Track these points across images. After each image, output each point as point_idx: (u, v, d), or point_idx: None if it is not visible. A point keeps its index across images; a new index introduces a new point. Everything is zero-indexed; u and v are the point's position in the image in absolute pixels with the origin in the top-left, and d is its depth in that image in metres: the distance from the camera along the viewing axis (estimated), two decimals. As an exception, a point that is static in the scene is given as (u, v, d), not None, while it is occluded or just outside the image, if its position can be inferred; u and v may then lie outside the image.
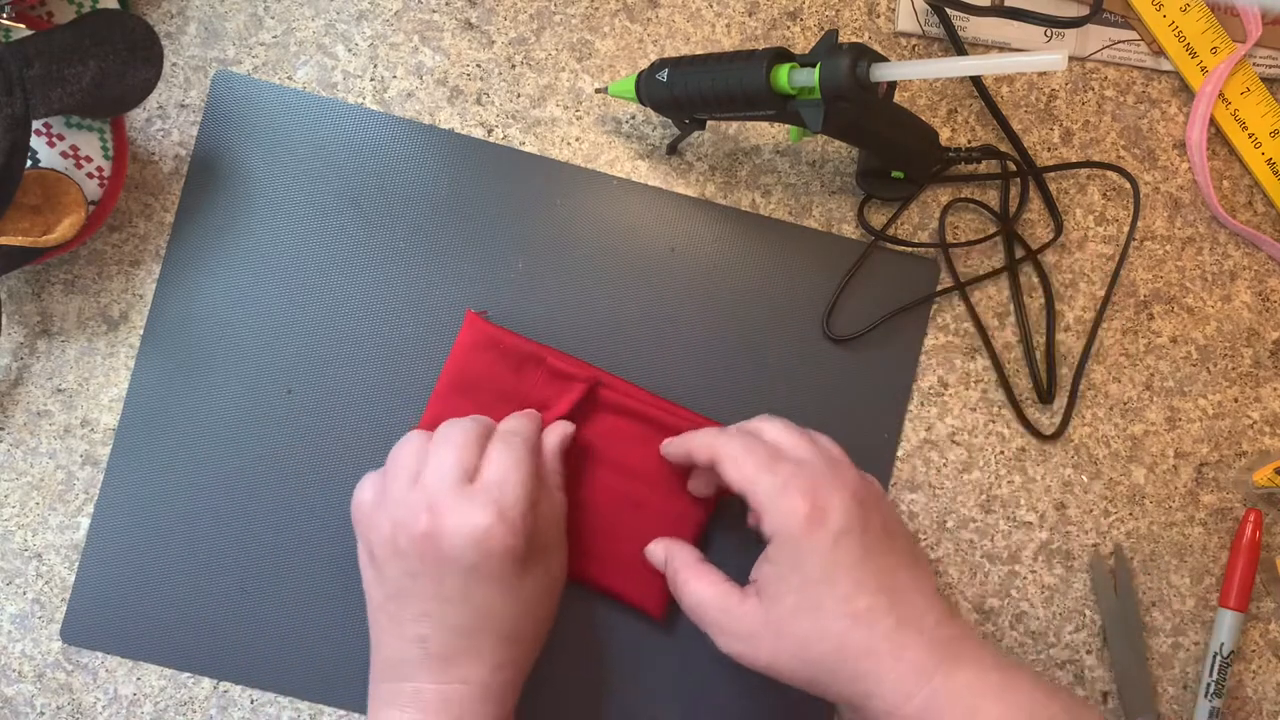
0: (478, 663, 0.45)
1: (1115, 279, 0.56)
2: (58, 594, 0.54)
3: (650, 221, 0.55)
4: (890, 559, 0.44)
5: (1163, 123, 0.57)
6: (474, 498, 0.44)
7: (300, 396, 0.54)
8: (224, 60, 0.55)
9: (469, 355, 0.52)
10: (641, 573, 0.52)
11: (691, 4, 0.56)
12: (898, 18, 0.56)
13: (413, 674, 0.45)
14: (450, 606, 0.45)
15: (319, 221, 0.55)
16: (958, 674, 0.42)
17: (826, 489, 0.43)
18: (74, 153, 0.50)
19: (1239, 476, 0.56)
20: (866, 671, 0.42)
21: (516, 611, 0.46)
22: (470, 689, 0.45)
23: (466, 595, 0.44)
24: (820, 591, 0.42)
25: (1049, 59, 0.36)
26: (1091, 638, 0.55)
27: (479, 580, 0.44)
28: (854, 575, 0.43)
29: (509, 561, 0.44)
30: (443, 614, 0.45)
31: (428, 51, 0.56)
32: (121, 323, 0.54)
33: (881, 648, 0.42)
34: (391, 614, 0.46)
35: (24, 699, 0.53)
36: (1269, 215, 0.57)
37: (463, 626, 0.45)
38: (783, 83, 0.44)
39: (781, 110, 0.45)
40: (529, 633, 0.47)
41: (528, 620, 0.47)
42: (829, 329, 0.55)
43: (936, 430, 0.56)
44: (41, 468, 0.54)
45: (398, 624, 0.46)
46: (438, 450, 0.46)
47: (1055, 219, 0.56)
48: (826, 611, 0.42)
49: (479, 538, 0.44)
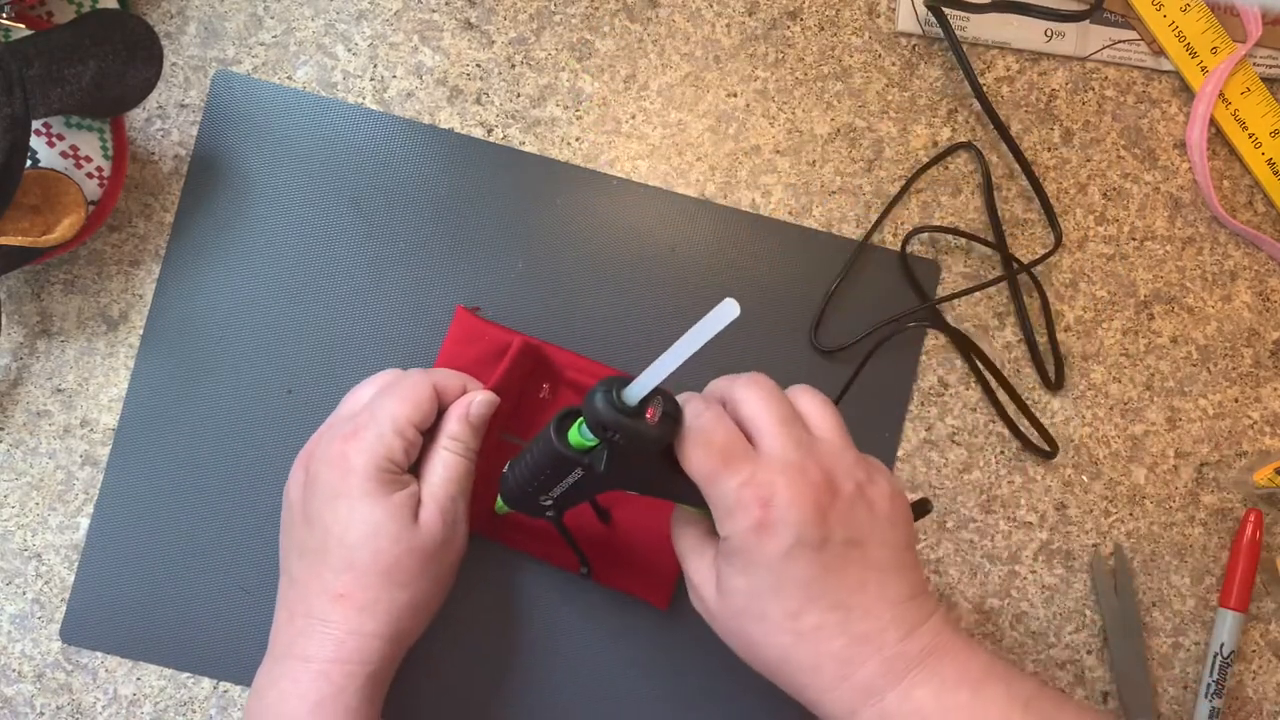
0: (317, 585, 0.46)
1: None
2: (57, 594, 0.54)
3: (650, 221, 0.55)
4: (854, 571, 0.40)
5: (1163, 123, 0.57)
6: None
7: (300, 396, 0.54)
8: (224, 60, 0.55)
9: (458, 349, 0.53)
10: (644, 564, 0.52)
11: (691, 4, 0.56)
12: (898, 18, 0.56)
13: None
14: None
15: (319, 221, 0.55)
16: (915, 692, 0.40)
17: (786, 497, 0.39)
18: (74, 153, 0.50)
19: (1239, 476, 0.56)
20: (807, 685, 0.41)
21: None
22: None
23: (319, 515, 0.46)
24: (766, 603, 0.40)
25: (724, 309, 0.36)
26: (1091, 638, 0.55)
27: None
28: (805, 591, 0.40)
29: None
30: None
31: (428, 51, 0.56)
32: (121, 323, 0.54)
33: (827, 667, 0.40)
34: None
35: (24, 699, 0.53)
36: (1269, 215, 0.57)
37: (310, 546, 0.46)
38: (577, 439, 0.41)
39: (597, 468, 0.42)
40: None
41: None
42: (816, 340, 0.55)
43: (936, 430, 0.56)
44: (41, 468, 0.54)
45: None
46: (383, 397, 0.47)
47: (1055, 229, 0.56)
48: (772, 624, 0.40)
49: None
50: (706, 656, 0.54)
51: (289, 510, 0.49)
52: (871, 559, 0.41)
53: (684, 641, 0.54)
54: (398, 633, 0.46)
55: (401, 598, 0.45)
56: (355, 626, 0.45)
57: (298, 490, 0.48)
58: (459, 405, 0.48)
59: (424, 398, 0.47)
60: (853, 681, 0.40)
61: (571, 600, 0.54)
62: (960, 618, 0.55)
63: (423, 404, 0.47)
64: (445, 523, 0.47)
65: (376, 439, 0.46)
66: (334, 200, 0.55)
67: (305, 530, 0.47)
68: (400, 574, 0.45)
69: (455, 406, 0.48)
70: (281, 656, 0.46)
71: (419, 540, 0.46)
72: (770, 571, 0.40)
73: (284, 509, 0.49)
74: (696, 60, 0.56)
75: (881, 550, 0.41)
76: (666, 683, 0.54)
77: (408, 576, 0.46)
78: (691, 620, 0.54)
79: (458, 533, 0.48)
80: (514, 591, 0.54)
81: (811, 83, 0.57)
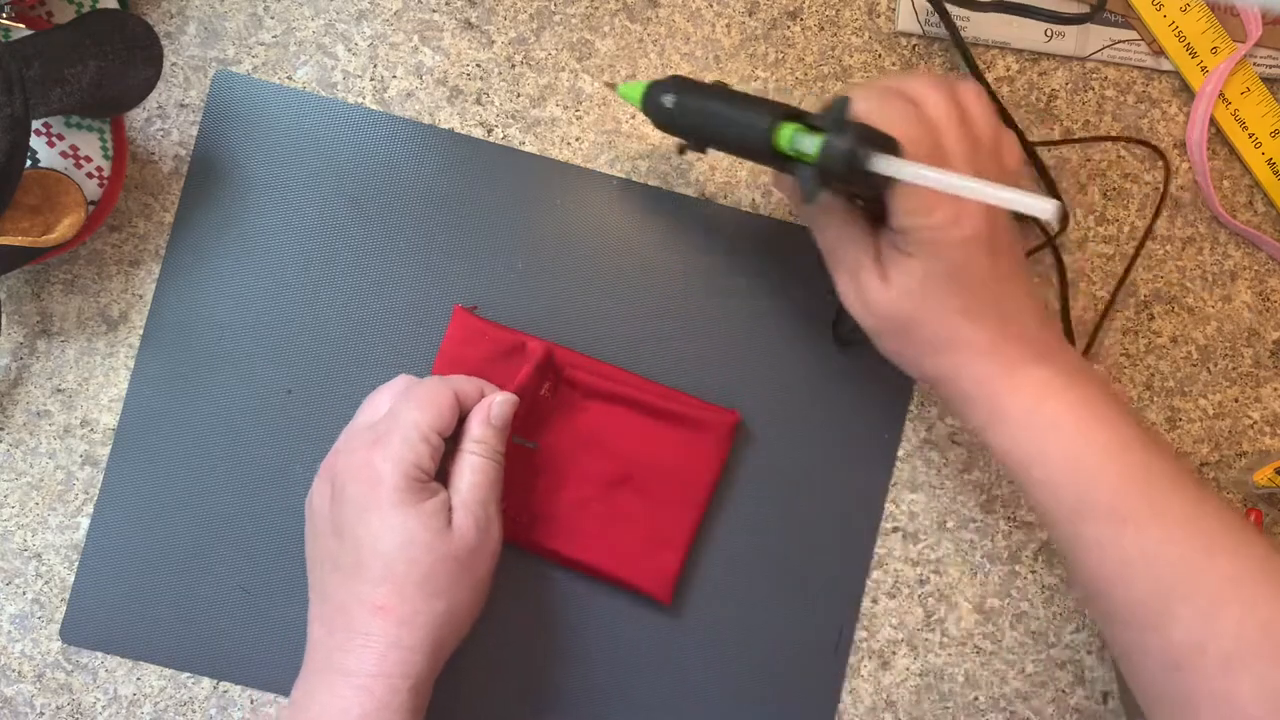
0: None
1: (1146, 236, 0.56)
2: (57, 594, 0.54)
3: (650, 221, 0.55)
4: (1006, 266, 0.45)
5: (1163, 123, 0.57)
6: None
7: (300, 396, 0.54)
8: (224, 60, 0.55)
9: (458, 349, 0.53)
10: (648, 555, 0.52)
11: (691, 4, 0.56)
12: (898, 17, 0.56)
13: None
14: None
15: (319, 221, 0.55)
16: (1040, 368, 0.44)
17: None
18: (74, 153, 0.50)
19: (1239, 476, 0.56)
20: (958, 360, 0.45)
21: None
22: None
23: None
24: (940, 287, 0.44)
25: (1042, 205, 0.37)
26: (1091, 638, 0.55)
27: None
28: (974, 278, 0.44)
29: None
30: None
31: (428, 51, 0.56)
32: (121, 323, 0.54)
33: (979, 341, 0.45)
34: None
35: (24, 699, 0.53)
36: (1269, 215, 0.57)
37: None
38: (784, 144, 0.43)
39: (781, 166, 0.44)
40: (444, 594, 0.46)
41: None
42: (838, 334, 0.55)
43: (936, 430, 0.56)
44: (41, 468, 0.54)
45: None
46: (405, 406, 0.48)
47: (1052, 197, 0.56)
48: (940, 306, 0.44)
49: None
50: (707, 655, 0.54)
51: (315, 523, 0.48)
52: (1016, 256, 0.46)
53: (685, 640, 0.54)
54: (438, 643, 0.46)
55: (439, 607, 0.45)
56: (396, 639, 0.45)
57: (324, 503, 0.48)
58: (480, 409, 0.48)
59: (445, 404, 0.47)
60: (998, 355, 0.45)
61: (573, 600, 0.54)
62: (961, 618, 0.55)
63: (444, 410, 0.47)
64: (478, 528, 0.47)
65: (403, 446, 0.45)
66: (334, 200, 0.55)
67: (336, 544, 0.47)
68: (437, 583, 0.45)
69: (477, 410, 0.48)
70: (320, 670, 0.46)
71: (453, 548, 0.46)
72: (949, 259, 0.44)
73: (309, 522, 0.49)
74: (697, 60, 0.56)
75: (1019, 250, 0.47)
76: (667, 681, 0.54)
77: (444, 585, 0.46)
78: (692, 618, 0.54)
79: (490, 537, 0.47)
80: (515, 591, 0.54)
81: (812, 83, 0.57)
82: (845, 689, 0.54)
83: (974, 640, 0.55)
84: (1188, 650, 0.40)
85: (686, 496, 0.53)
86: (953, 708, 0.55)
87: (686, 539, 0.53)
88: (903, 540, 0.55)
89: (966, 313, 0.44)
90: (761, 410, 0.55)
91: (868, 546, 0.55)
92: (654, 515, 0.53)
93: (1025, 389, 0.44)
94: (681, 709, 0.54)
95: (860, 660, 0.55)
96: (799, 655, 0.54)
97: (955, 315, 0.44)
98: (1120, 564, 0.42)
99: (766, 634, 0.54)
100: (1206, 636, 0.40)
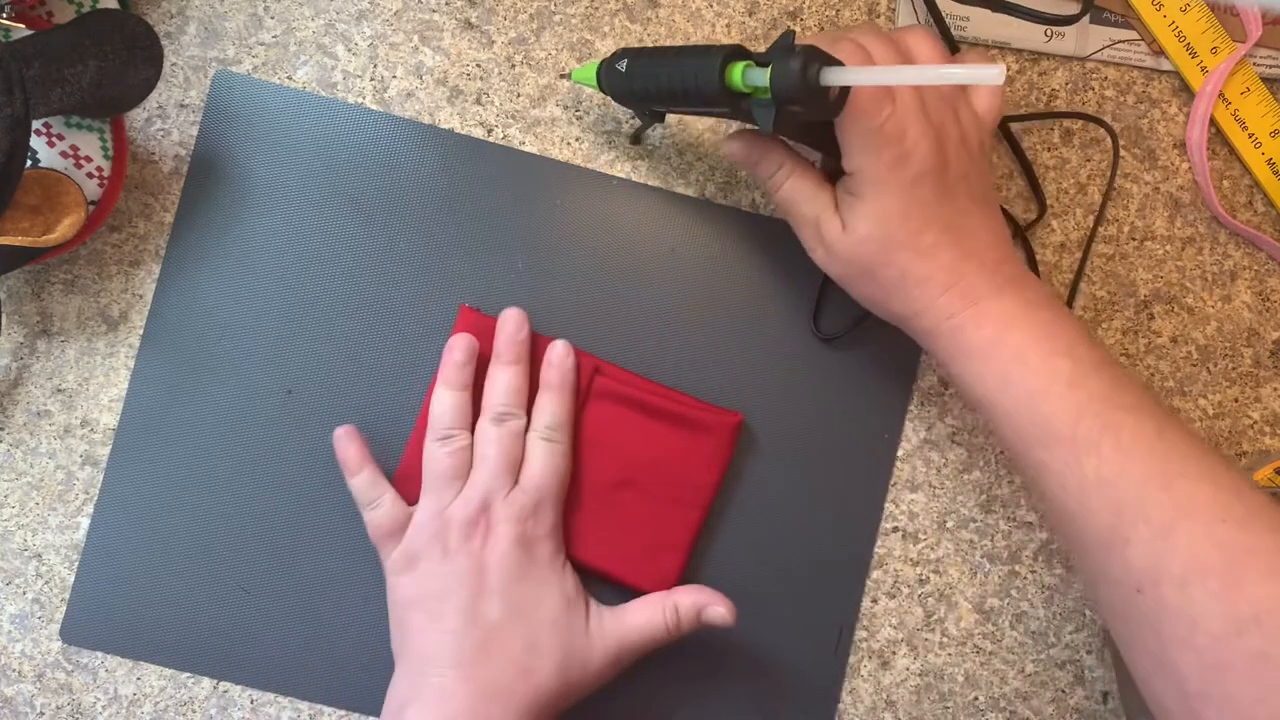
0: (504, 658, 0.47)
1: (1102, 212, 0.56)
2: (57, 594, 0.54)
3: (650, 221, 0.55)
4: (963, 200, 0.46)
5: (1163, 123, 0.57)
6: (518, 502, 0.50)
7: (300, 396, 0.54)
8: (224, 60, 0.55)
9: None
10: (650, 557, 0.52)
11: (691, 4, 0.56)
12: (897, 17, 0.56)
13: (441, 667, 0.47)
14: (488, 600, 0.48)
15: (319, 221, 0.55)
16: (1002, 300, 0.46)
17: (916, 132, 0.44)
18: (74, 153, 0.50)
19: (1239, 476, 0.56)
20: (919, 295, 0.46)
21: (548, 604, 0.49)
22: (493, 685, 0.47)
23: (505, 590, 0.48)
24: (894, 225, 0.45)
25: (988, 72, 0.37)
26: (1091, 638, 0.55)
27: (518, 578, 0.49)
28: (926, 212, 0.45)
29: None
30: (482, 609, 0.48)
31: (428, 51, 0.56)
32: (121, 323, 0.54)
33: (937, 276, 0.46)
34: (431, 611, 0.48)
35: (24, 699, 0.53)
36: (1269, 215, 0.57)
37: (497, 621, 0.48)
38: (737, 80, 0.43)
39: (735, 108, 0.45)
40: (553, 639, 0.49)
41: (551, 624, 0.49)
42: (817, 327, 0.55)
43: (936, 430, 0.56)
44: (41, 468, 0.54)
45: (436, 619, 0.48)
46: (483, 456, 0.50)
47: (1039, 198, 0.56)
48: (896, 243, 0.46)
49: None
50: (707, 654, 0.54)
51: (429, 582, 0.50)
52: (974, 191, 0.47)
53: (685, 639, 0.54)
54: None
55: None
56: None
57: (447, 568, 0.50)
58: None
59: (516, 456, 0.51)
60: (956, 289, 0.46)
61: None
62: (960, 618, 0.55)
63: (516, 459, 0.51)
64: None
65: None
66: (334, 200, 0.55)
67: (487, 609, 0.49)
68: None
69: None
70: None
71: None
72: (900, 196, 0.45)
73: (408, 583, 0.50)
74: (696, 60, 0.56)
75: (982, 185, 0.48)
76: (667, 681, 0.54)
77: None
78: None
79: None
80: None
81: (811, 83, 0.56)
82: (845, 689, 0.54)
83: (974, 640, 0.55)
84: (1146, 571, 0.40)
85: (689, 498, 0.53)
86: (953, 708, 0.55)
87: (689, 541, 0.53)
88: (903, 540, 0.55)
89: (923, 249, 0.46)
90: (761, 410, 0.55)
91: (868, 546, 0.55)
92: (656, 517, 0.53)
93: (987, 321, 0.45)
94: (682, 708, 0.54)
95: (860, 660, 0.55)
96: (799, 655, 0.54)
97: (911, 253, 0.46)
98: (1081, 490, 0.43)
99: (767, 634, 0.54)
100: (1163, 556, 0.40)
